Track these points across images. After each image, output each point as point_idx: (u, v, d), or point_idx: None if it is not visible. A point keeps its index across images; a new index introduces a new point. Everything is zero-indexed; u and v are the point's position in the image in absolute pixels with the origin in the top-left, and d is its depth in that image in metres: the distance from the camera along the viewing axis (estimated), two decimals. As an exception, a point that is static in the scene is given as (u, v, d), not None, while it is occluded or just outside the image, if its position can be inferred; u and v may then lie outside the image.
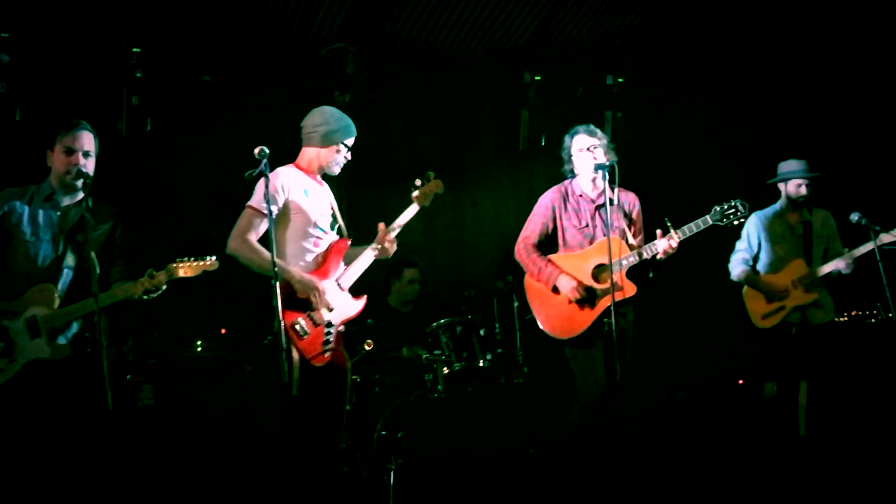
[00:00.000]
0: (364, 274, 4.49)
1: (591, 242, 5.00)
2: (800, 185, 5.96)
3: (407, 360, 5.87)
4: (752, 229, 6.14)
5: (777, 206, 6.12)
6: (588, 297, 4.85)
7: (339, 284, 4.36)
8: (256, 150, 3.97)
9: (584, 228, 5.01)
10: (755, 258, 6.14)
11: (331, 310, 4.29)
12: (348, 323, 4.42)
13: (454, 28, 7.05)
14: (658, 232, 4.83)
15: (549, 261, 5.00)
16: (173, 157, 6.46)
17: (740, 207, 4.72)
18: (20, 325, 3.99)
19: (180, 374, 5.32)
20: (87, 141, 4.20)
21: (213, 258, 4.10)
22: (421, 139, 7.36)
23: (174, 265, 4.06)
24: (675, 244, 4.74)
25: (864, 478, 5.30)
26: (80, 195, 4.17)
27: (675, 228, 4.76)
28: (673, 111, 7.85)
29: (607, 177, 4.84)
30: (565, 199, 5.08)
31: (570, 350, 4.94)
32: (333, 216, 4.52)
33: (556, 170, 7.73)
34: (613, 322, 4.53)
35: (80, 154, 4.15)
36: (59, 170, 4.16)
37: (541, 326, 4.98)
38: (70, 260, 4.13)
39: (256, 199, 4.24)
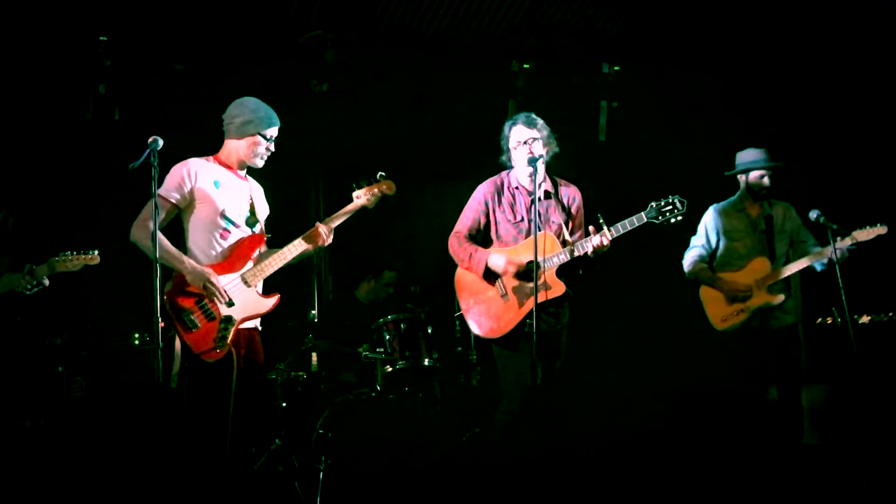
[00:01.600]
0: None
1: (526, 237, 4.75)
2: (762, 176, 5.57)
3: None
4: (710, 224, 5.73)
5: (735, 198, 5.70)
6: (522, 277, 4.63)
7: (244, 280, 4.20)
8: (150, 139, 3.86)
9: (519, 223, 4.79)
10: (712, 255, 5.71)
11: (230, 305, 4.14)
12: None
13: (439, 12, 6.86)
14: (591, 228, 4.59)
15: (481, 248, 4.81)
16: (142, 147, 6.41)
17: (678, 205, 4.43)
18: None
19: (114, 366, 5.27)
20: None
21: (95, 252, 4.01)
22: (405, 130, 7.20)
23: (55, 259, 3.99)
24: (606, 242, 4.49)
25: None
26: None
27: (608, 225, 4.49)
28: (670, 101, 7.50)
29: (540, 171, 4.63)
30: (500, 191, 4.86)
31: (496, 349, 4.74)
32: (251, 212, 4.35)
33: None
34: (535, 323, 4.32)
35: None
36: None
37: (469, 325, 4.77)
38: None
39: (164, 187, 4.13)
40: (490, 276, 4.76)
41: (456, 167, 7.24)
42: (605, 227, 4.48)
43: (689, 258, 5.74)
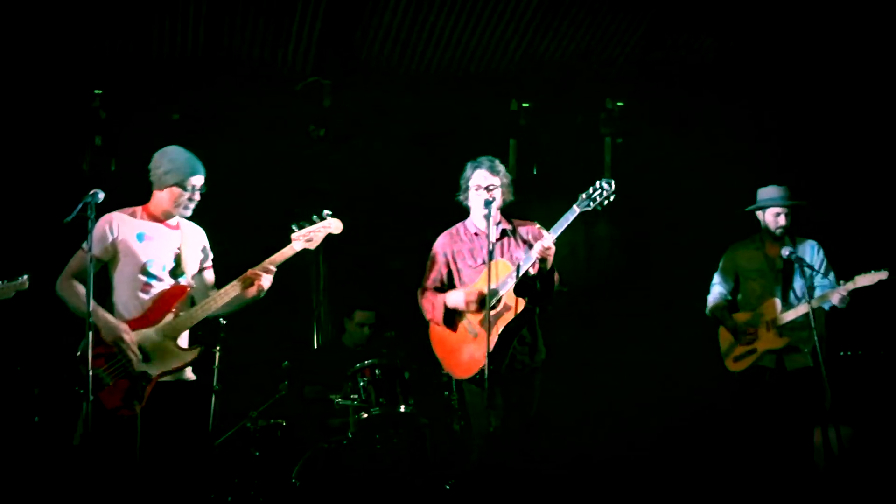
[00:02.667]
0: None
1: (488, 274, 4.71)
2: (778, 215, 5.45)
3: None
4: (728, 263, 5.69)
5: (756, 237, 5.59)
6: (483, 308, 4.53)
7: (163, 333, 4.13)
8: (91, 192, 3.92)
9: (480, 265, 4.73)
10: (734, 293, 5.66)
11: (145, 360, 4.06)
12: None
13: (435, 54, 6.87)
14: (532, 240, 4.62)
15: (441, 292, 4.79)
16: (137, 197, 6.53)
17: (605, 186, 4.37)
18: None
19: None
20: None
21: (25, 277, 4.04)
22: (404, 171, 7.20)
23: None
24: (547, 244, 4.40)
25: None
26: None
27: (546, 229, 4.47)
28: (676, 135, 7.35)
29: (492, 214, 4.62)
30: (457, 240, 4.87)
31: (465, 385, 4.70)
32: (177, 263, 4.28)
33: (551, 199, 7.47)
34: (487, 364, 4.27)
35: None
36: None
37: (449, 373, 4.83)
38: None
39: (88, 241, 4.16)
40: (451, 318, 4.71)
41: (456, 207, 7.20)
42: (544, 233, 4.44)
43: (711, 297, 5.70)
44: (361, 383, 5.38)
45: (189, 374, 4.27)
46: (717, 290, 5.69)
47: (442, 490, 5.12)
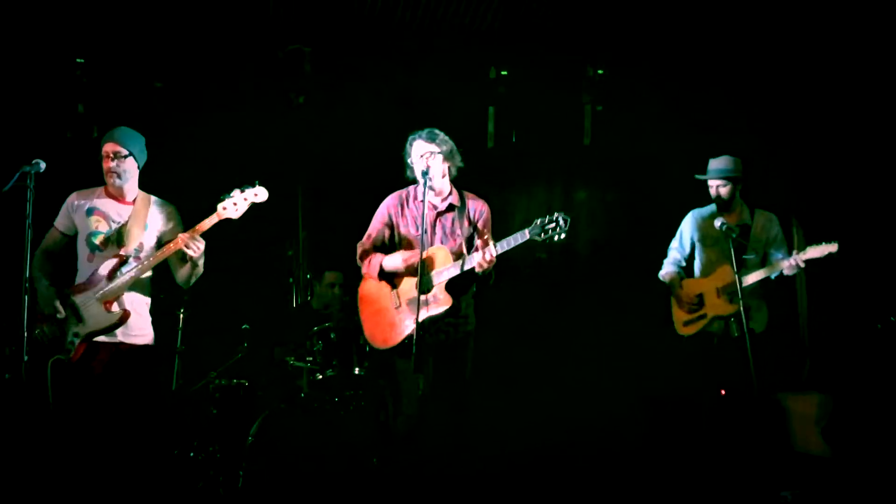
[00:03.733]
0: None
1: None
2: (718, 187, 5.47)
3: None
4: (686, 228, 5.77)
5: (713, 205, 5.63)
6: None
7: (97, 298, 4.46)
8: (33, 161, 4.13)
9: (421, 235, 4.81)
10: (689, 260, 5.74)
11: (79, 321, 4.43)
12: None
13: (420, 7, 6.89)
14: (478, 243, 4.60)
15: (381, 253, 4.86)
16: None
17: (561, 223, 4.30)
18: None
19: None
20: None
21: None
22: (382, 140, 7.26)
23: None
24: (488, 257, 4.45)
25: None
26: None
27: (495, 241, 4.47)
28: (656, 103, 7.33)
29: (428, 185, 4.67)
30: (404, 204, 4.90)
31: (396, 361, 4.77)
32: (119, 234, 4.57)
33: (528, 167, 7.54)
34: (415, 335, 4.39)
35: None
36: None
37: (366, 338, 4.86)
38: None
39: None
40: (386, 278, 4.80)
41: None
42: (490, 243, 4.45)
43: (665, 263, 5.82)
44: (317, 346, 5.53)
45: (136, 338, 4.56)
46: (672, 255, 5.81)
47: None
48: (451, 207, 4.82)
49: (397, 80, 7.16)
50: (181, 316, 5.83)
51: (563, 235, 4.31)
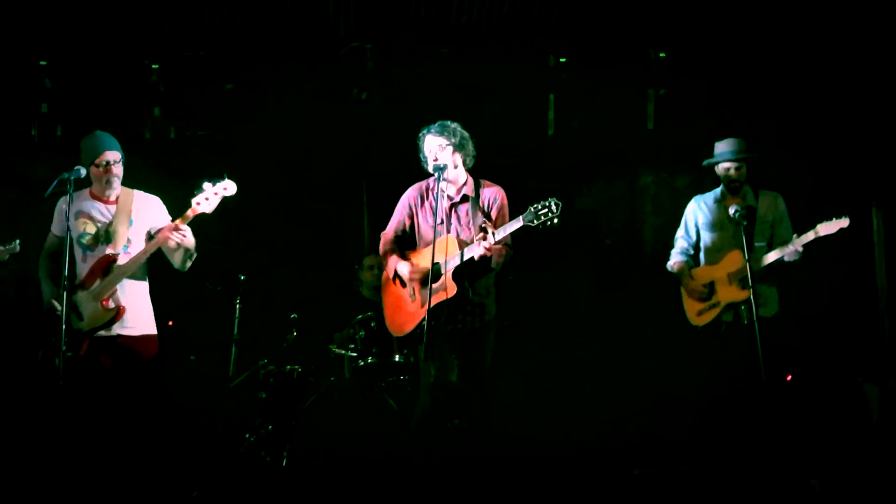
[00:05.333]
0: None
1: (442, 238, 4.95)
2: (728, 169, 5.36)
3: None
4: (690, 216, 5.66)
5: (717, 189, 5.52)
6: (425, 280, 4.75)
7: (92, 296, 4.74)
8: (75, 168, 4.52)
9: (438, 225, 4.93)
10: (696, 248, 5.61)
11: (80, 319, 4.72)
12: None
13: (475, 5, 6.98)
14: (480, 234, 4.69)
15: (398, 254, 5.02)
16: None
17: (553, 208, 4.37)
18: None
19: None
20: None
21: (17, 242, 4.84)
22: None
23: None
24: (487, 245, 4.55)
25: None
26: None
27: (494, 229, 4.58)
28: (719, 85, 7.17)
29: (460, 174, 4.90)
30: (424, 196, 5.05)
31: (418, 349, 4.91)
32: (107, 233, 4.84)
33: (584, 154, 7.49)
34: (426, 325, 4.52)
35: None
36: None
37: (387, 325, 5.06)
38: None
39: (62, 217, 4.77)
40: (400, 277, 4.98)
41: (499, 165, 7.36)
42: (488, 231, 4.56)
43: (673, 252, 5.70)
44: (359, 335, 5.76)
45: (132, 330, 4.82)
46: (679, 244, 5.69)
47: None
48: (465, 198, 4.94)
49: (456, 73, 7.25)
50: (237, 306, 6.16)
51: (556, 220, 4.38)
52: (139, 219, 4.92)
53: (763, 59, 6.93)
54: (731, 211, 5.05)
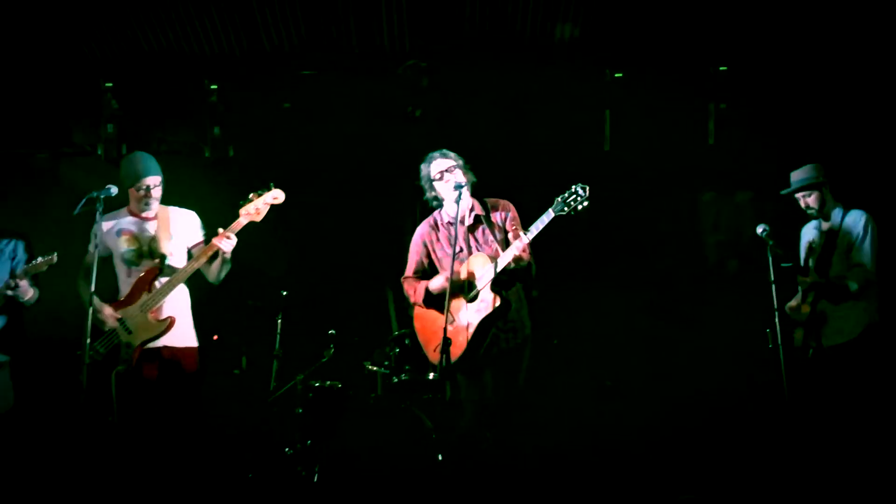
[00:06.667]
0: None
1: (467, 263, 4.93)
2: (803, 198, 5.21)
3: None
4: (801, 241, 5.56)
5: None
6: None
7: (140, 309, 4.87)
8: (106, 187, 4.69)
9: (459, 253, 4.92)
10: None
11: (129, 333, 4.85)
12: None
13: (528, 18, 6.94)
14: (509, 236, 4.72)
15: (421, 279, 5.06)
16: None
17: (580, 192, 4.45)
18: None
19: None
20: None
21: (55, 254, 4.87)
22: (497, 146, 7.37)
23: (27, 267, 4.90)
24: (520, 245, 4.55)
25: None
26: None
27: (524, 230, 4.60)
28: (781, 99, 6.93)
29: (464, 196, 4.87)
30: (435, 229, 5.09)
31: (458, 375, 4.95)
32: (150, 248, 4.99)
33: (648, 169, 7.31)
34: (444, 338, 4.56)
35: None
36: None
37: (430, 360, 5.03)
38: None
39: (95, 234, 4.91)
40: (431, 301, 5.00)
41: (556, 176, 7.26)
42: (521, 233, 4.57)
43: None
44: (394, 352, 5.77)
45: (177, 341, 4.96)
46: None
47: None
48: (477, 219, 4.95)
49: (511, 89, 7.22)
50: (279, 322, 6.26)
51: (585, 203, 4.45)
52: (178, 233, 5.09)
53: (826, 71, 6.66)
54: (759, 230, 4.87)
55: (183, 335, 5.02)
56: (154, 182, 5.02)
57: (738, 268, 7.31)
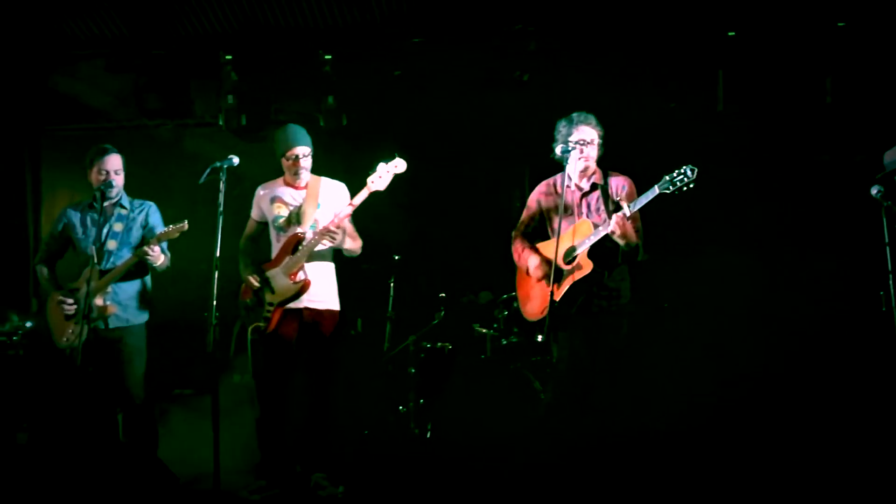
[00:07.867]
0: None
1: (575, 226, 5.00)
2: None
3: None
4: None
5: None
6: (555, 275, 4.83)
7: (282, 271, 5.14)
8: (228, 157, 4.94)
9: (570, 217, 5.01)
10: None
11: (272, 292, 5.11)
12: None
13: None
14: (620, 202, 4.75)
15: (528, 247, 5.14)
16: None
17: (689, 173, 4.42)
18: None
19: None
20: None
21: (185, 221, 5.16)
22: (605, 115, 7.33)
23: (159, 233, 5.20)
24: (618, 220, 4.59)
25: None
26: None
27: (629, 204, 4.62)
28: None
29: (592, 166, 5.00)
30: (552, 193, 5.17)
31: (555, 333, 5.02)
32: (297, 215, 5.23)
33: (760, 130, 7.15)
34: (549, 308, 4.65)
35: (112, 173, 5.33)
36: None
37: (525, 316, 5.16)
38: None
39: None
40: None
41: (665, 145, 7.21)
42: (624, 205, 4.61)
43: None
44: (502, 315, 5.90)
45: (318, 304, 5.24)
46: None
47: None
48: (594, 186, 5.01)
49: (619, 52, 7.17)
50: (391, 285, 6.46)
51: (692, 185, 4.43)
52: (326, 202, 5.33)
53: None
54: (874, 191, 4.73)
55: (326, 297, 5.30)
56: (303, 152, 5.27)
57: (849, 231, 7.10)
